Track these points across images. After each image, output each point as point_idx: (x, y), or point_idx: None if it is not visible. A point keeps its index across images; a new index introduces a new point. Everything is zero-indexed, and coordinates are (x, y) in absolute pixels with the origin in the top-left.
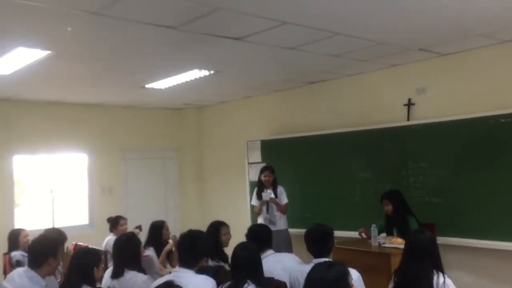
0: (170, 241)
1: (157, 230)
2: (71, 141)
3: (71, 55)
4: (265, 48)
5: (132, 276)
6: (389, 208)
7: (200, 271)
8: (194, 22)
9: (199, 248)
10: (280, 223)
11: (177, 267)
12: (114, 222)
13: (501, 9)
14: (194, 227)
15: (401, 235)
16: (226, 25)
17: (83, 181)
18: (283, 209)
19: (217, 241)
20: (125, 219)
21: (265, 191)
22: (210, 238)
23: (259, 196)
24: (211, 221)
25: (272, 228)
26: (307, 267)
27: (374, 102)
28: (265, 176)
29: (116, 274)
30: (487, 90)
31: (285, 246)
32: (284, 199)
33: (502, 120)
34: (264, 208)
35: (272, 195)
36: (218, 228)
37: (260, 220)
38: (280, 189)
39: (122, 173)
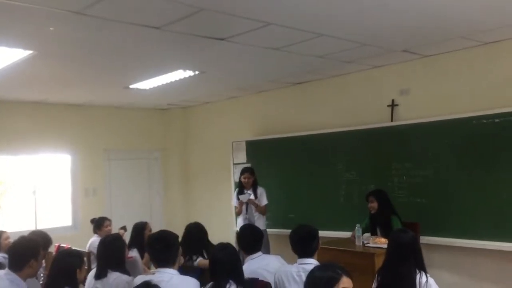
0: None
1: (140, 231)
2: (54, 142)
3: (54, 55)
4: (249, 48)
5: (116, 277)
6: (374, 205)
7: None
8: (178, 23)
9: (174, 246)
10: (259, 223)
11: (158, 268)
12: (98, 223)
13: (483, 12)
14: (179, 228)
15: (384, 235)
16: (210, 26)
17: (66, 182)
18: (262, 211)
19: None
20: (109, 220)
21: (245, 192)
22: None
23: (239, 197)
24: (196, 221)
25: None
26: (292, 268)
27: (358, 103)
28: (244, 178)
29: (100, 275)
30: (469, 91)
31: (263, 246)
32: (263, 201)
33: (484, 121)
34: (244, 208)
35: (252, 196)
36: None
37: (239, 220)
38: (260, 190)
39: (106, 174)
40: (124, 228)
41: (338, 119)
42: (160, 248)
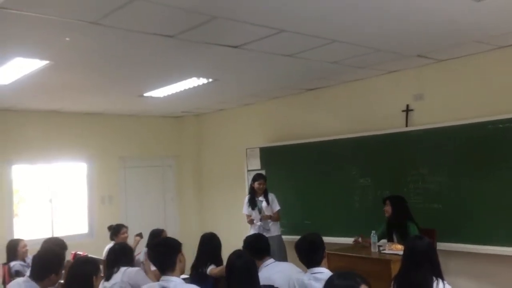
0: None
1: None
2: (70, 150)
3: (70, 65)
4: (262, 55)
5: (126, 269)
6: (388, 209)
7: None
8: (192, 31)
9: (171, 252)
10: (274, 229)
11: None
12: (115, 230)
13: (496, 16)
14: (194, 234)
15: (401, 241)
16: (223, 34)
17: (83, 190)
18: (276, 218)
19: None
20: (126, 227)
21: (256, 199)
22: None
23: (252, 204)
24: (210, 228)
25: (266, 235)
26: (304, 276)
27: (373, 108)
28: (259, 184)
29: (108, 277)
30: (484, 95)
31: (279, 252)
32: (276, 206)
33: (500, 126)
34: (257, 216)
35: (264, 204)
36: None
37: (253, 229)
38: (271, 196)
39: (121, 181)
40: (140, 235)
41: (352, 124)
42: (161, 252)
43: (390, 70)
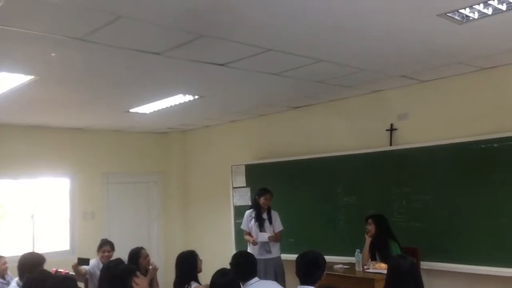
0: (151, 267)
1: (135, 259)
2: (53, 165)
3: (55, 80)
4: (249, 74)
5: None
6: (371, 228)
7: None
8: (179, 48)
9: (122, 279)
10: (274, 250)
11: None
12: (98, 247)
13: (478, 39)
14: (178, 252)
15: (383, 260)
16: (210, 52)
17: (65, 205)
18: (278, 239)
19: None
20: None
21: (263, 225)
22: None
23: (260, 220)
24: (195, 246)
25: (268, 256)
26: None
27: (357, 127)
28: (266, 199)
29: None
30: (467, 116)
31: (280, 273)
32: (278, 226)
33: (483, 146)
34: (258, 233)
35: (268, 234)
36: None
37: (250, 249)
38: (275, 214)
39: (104, 197)
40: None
41: (337, 143)
42: (114, 283)
43: (375, 90)
